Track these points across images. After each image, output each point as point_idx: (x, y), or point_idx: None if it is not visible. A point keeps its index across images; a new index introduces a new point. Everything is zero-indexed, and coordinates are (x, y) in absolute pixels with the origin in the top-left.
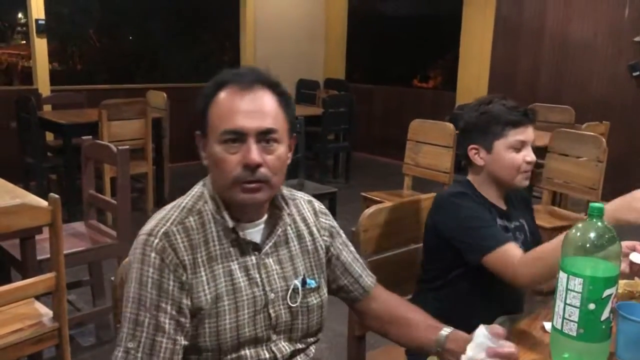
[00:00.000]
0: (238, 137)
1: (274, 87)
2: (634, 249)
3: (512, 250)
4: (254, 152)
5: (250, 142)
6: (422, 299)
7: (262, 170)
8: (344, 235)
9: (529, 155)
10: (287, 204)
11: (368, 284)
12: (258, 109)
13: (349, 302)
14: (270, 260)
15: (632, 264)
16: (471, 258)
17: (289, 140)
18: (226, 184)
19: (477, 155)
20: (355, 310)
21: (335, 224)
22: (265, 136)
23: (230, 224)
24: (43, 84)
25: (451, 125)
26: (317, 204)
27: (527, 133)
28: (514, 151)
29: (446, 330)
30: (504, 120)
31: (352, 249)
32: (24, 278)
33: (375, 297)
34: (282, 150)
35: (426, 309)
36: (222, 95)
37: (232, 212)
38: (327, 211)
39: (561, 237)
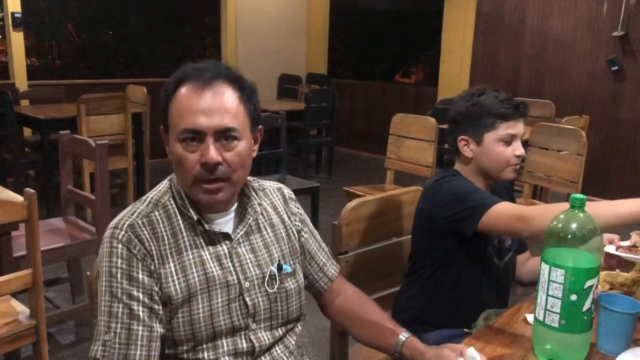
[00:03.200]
0: (196, 136)
1: (235, 82)
2: (612, 242)
3: (509, 204)
4: (212, 151)
5: (208, 141)
6: (409, 293)
7: (222, 168)
8: (310, 223)
9: (518, 149)
10: (257, 194)
11: (332, 273)
12: (217, 106)
13: (315, 293)
14: (243, 249)
15: (606, 256)
16: (468, 224)
17: (252, 135)
18: (187, 183)
19: (467, 147)
20: (321, 303)
21: (302, 211)
22: (224, 134)
23: (195, 217)
24: (20, 78)
25: (433, 120)
26: (287, 191)
27: (518, 127)
28: (503, 144)
29: (404, 336)
30: (495, 112)
31: (318, 237)
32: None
33: (340, 292)
34: (242, 147)
35: (413, 303)
36: (182, 91)
37: (199, 205)
38: (295, 197)
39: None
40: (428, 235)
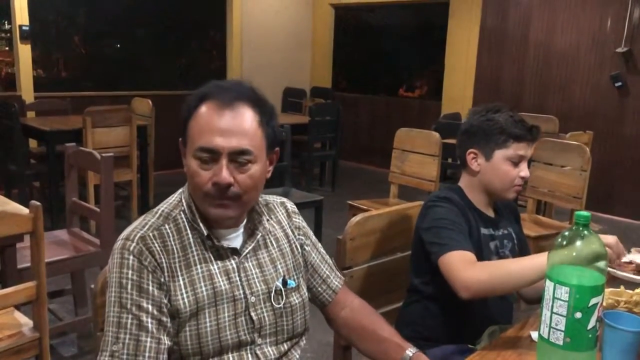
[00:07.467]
0: (211, 155)
1: (256, 103)
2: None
3: (467, 255)
4: (225, 172)
5: (222, 161)
6: (412, 309)
7: (233, 189)
8: (313, 236)
9: (523, 170)
10: (263, 210)
11: (335, 285)
12: (235, 128)
13: (319, 305)
14: (250, 264)
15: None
16: (433, 258)
17: (268, 157)
18: (198, 197)
19: (475, 160)
20: (326, 316)
21: (305, 224)
22: (238, 156)
23: (205, 232)
24: (26, 90)
25: (437, 134)
26: (289, 205)
27: (528, 149)
28: (511, 164)
29: (411, 351)
30: (509, 131)
31: (322, 250)
32: (4, 287)
33: (345, 304)
34: (256, 169)
35: (416, 319)
36: (203, 109)
37: (209, 220)
38: (297, 211)
39: (526, 259)
40: (424, 250)
